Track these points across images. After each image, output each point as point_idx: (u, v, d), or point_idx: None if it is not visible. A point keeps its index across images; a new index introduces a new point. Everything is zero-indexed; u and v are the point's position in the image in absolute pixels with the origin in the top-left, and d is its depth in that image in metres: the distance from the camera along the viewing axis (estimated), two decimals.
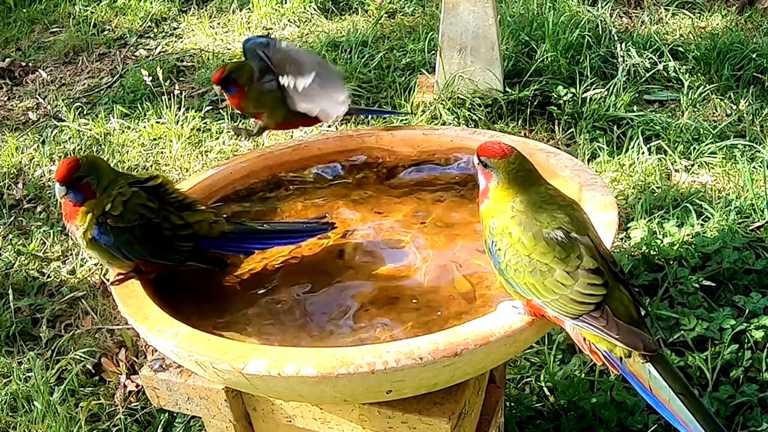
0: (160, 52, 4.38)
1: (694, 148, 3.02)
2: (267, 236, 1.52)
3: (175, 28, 4.69)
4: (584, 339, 1.18)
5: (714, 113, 3.30)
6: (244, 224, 1.54)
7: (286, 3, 4.61)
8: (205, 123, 3.56)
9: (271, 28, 4.48)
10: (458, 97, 3.32)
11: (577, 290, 1.15)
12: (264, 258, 1.55)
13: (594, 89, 3.32)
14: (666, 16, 4.08)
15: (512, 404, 2.01)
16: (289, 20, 4.49)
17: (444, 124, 3.21)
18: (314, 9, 4.52)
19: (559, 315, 1.17)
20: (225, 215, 1.57)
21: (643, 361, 1.14)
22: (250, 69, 1.78)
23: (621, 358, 1.15)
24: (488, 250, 1.23)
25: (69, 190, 1.41)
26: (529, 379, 2.10)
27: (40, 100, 4.07)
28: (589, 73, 3.43)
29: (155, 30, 4.70)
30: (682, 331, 2.12)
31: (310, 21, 4.46)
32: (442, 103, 3.30)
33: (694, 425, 1.13)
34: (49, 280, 2.78)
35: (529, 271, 1.17)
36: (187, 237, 1.46)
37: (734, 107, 3.28)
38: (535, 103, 3.32)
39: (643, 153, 2.99)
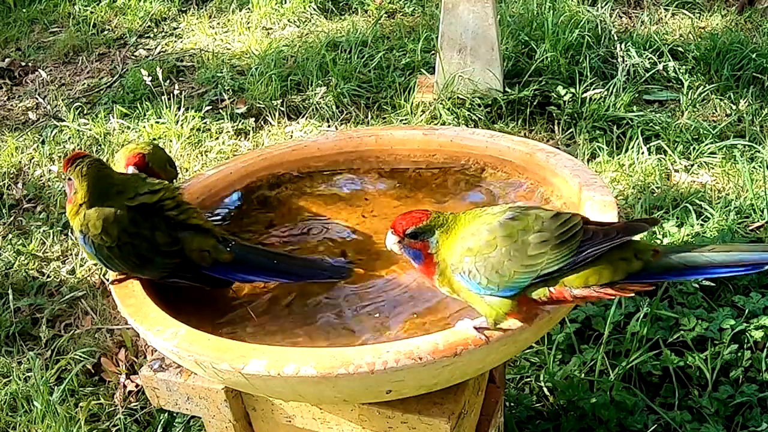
0: (159, 52, 4.38)
1: (694, 148, 3.02)
2: (272, 272, 1.47)
3: (174, 28, 4.69)
4: (595, 287, 1.15)
5: (714, 113, 3.30)
6: (248, 255, 1.48)
7: (286, 3, 4.61)
8: (205, 123, 3.56)
9: (271, 28, 4.48)
10: (458, 97, 3.32)
11: (557, 234, 1.15)
12: None
13: (594, 89, 3.32)
14: (666, 16, 4.09)
15: (512, 404, 2.01)
16: (288, 20, 4.49)
17: (444, 124, 3.20)
18: (314, 9, 4.52)
19: (563, 266, 1.14)
20: (232, 242, 1.48)
21: (659, 256, 1.14)
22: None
23: (641, 269, 1.14)
24: (464, 290, 1.19)
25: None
26: (528, 379, 2.10)
27: (40, 100, 4.07)
28: (588, 73, 3.43)
29: (155, 30, 4.70)
30: (682, 331, 2.12)
31: (310, 21, 4.47)
32: (441, 103, 3.30)
33: (748, 256, 1.13)
34: (48, 280, 2.78)
35: (507, 263, 1.15)
36: (172, 253, 1.43)
37: (734, 107, 3.28)
38: (534, 103, 3.32)
39: (642, 153, 2.99)
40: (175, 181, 1.78)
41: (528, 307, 1.20)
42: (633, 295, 1.17)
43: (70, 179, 1.44)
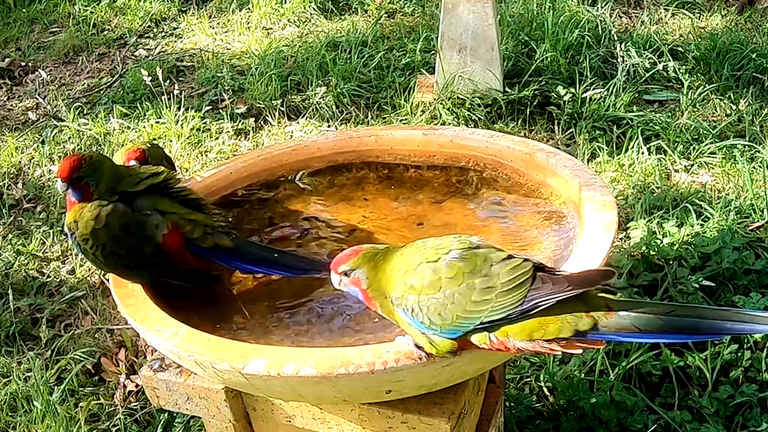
0: (159, 52, 4.38)
1: (694, 148, 3.01)
2: (271, 264, 1.47)
3: (174, 28, 4.69)
4: (540, 341, 1.10)
5: (714, 113, 3.30)
6: (248, 246, 1.49)
7: (285, 3, 4.61)
8: (205, 123, 3.56)
9: (271, 28, 4.48)
10: (458, 97, 3.32)
11: (505, 281, 1.10)
12: None
13: (594, 89, 3.32)
14: (666, 16, 4.09)
15: (512, 404, 2.01)
16: (288, 20, 4.49)
17: (443, 124, 3.20)
18: (314, 9, 4.52)
19: (507, 316, 1.09)
20: (233, 234, 1.50)
21: (611, 316, 1.07)
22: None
23: (592, 327, 1.08)
24: (406, 324, 1.16)
25: (69, 187, 1.41)
26: (528, 379, 2.10)
27: (40, 100, 4.07)
28: (588, 73, 3.43)
29: (155, 30, 4.70)
30: None
31: (310, 21, 4.46)
32: (441, 103, 3.30)
33: (695, 326, 1.07)
34: (48, 280, 2.78)
35: (450, 306, 1.11)
36: (160, 264, 1.43)
37: (734, 107, 3.28)
38: (534, 103, 3.32)
39: (642, 153, 2.99)
40: None
41: (470, 347, 1.15)
42: (581, 352, 1.11)
43: (75, 185, 1.41)
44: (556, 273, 1.13)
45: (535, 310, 1.09)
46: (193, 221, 1.46)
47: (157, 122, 3.57)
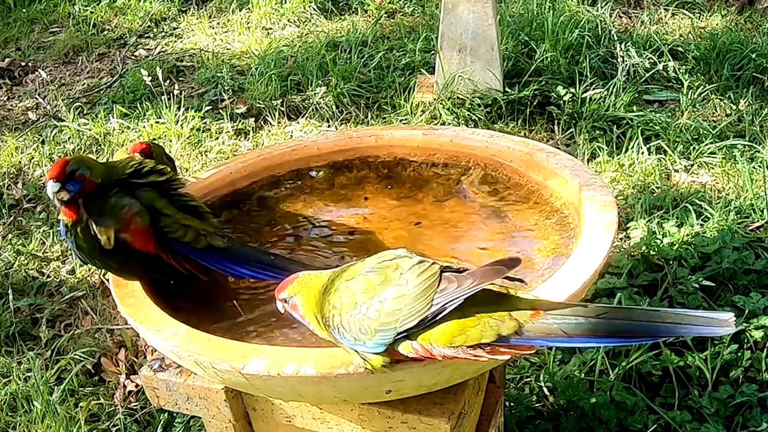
0: (159, 52, 4.38)
1: (694, 148, 3.02)
2: (264, 268, 1.45)
3: (174, 28, 4.69)
4: (463, 348, 1.06)
5: (714, 113, 3.30)
6: (243, 248, 1.49)
7: (285, 3, 4.61)
8: (205, 123, 3.56)
9: (271, 28, 4.48)
10: (458, 97, 3.32)
11: (414, 286, 1.07)
12: None
13: (594, 89, 3.32)
14: (666, 16, 4.09)
15: (512, 404, 2.01)
16: (288, 20, 4.49)
17: (443, 124, 3.20)
18: (314, 9, 4.52)
19: (419, 322, 1.06)
20: (227, 237, 1.49)
21: (536, 319, 1.03)
22: None
23: (516, 331, 1.04)
24: (336, 339, 1.15)
25: (64, 185, 1.38)
26: (528, 379, 2.10)
27: (40, 100, 4.07)
28: (588, 73, 3.43)
29: (155, 30, 4.70)
30: None
31: (310, 21, 4.46)
32: (441, 103, 3.30)
33: (627, 328, 1.01)
34: (48, 280, 2.78)
35: (367, 319, 1.10)
36: (152, 266, 1.43)
37: (734, 107, 3.28)
38: (534, 103, 3.32)
39: (642, 153, 2.99)
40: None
41: (401, 359, 1.14)
42: (508, 358, 1.06)
43: (71, 178, 1.40)
44: (463, 271, 1.09)
45: (443, 313, 1.06)
46: (186, 226, 1.45)
47: (157, 122, 3.57)
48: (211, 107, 3.71)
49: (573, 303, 1.07)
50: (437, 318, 1.07)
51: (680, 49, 3.65)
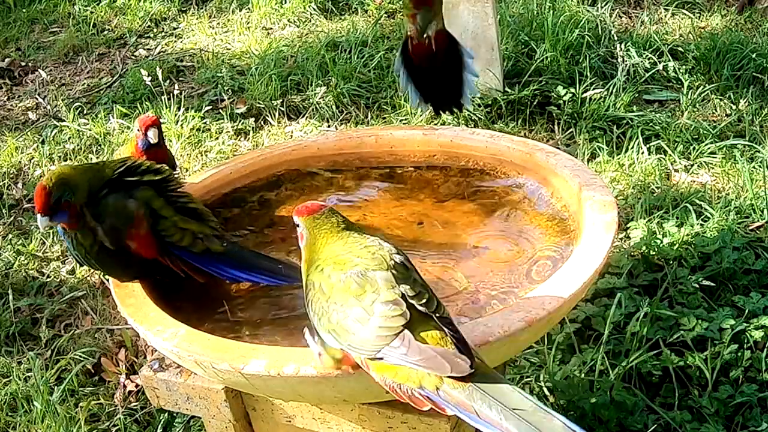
0: (159, 52, 4.38)
1: (694, 148, 3.01)
2: (260, 272, 1.45)
3: (174, 28, 4.69)
4: (393, 383, 1.08)
5: (714, 113, 3.30)
6: (241, 252, 1.47)
7: (285, 3, 4.61)
8: (205, 123, 3.56)
9: (271, 28, 4.48)
10: None
11: (374, 325, 1.08)
12: None
13: (594, 89, 3.32)
14: (666, 16, 4.08)
15: None
16: (288, 20, 4.49)
17: (443, 124, 3.20)
18: (314, 9, 4.52)
19: (361, 355, 1.10)
20: (225, 241, 1.48)
21: (460, 387, 1.03)
22: None
23: (437, 389, 1.04)
24: (308, 311, 1.17)
25: (51, 218, 1.37)
26: (528, 379, 2.10)
27: (40, 100, 4.07)
28: (588, 73, 3.43)
29: (155, 30, 4.69)
30: (682, 331, 2.12)
31: (310, 21, 4.46)
32: None
33: None
34: (48, 280, 2.78)
35: (329, 317, 1.11)
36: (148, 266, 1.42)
37: (734, 107, 3.28)
38: (534, 103, 3.32)
39: (642, 153, 2.99)
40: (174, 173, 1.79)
41: (352, 363, 1.15)
42: (428, 408, 1.06)
43: (57, 209, 1.36)
44: (436, 310, 1.09)
45: (380, 361, 1.08)
46: (183, 229, 1.44)
47: None
48: (211, 107, 3.71)
49: (508, 383, 1.05)
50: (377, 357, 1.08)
51: (680, 49, 3.65)
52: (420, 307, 1.09)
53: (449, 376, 1.03)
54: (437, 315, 1.10)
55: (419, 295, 1.11)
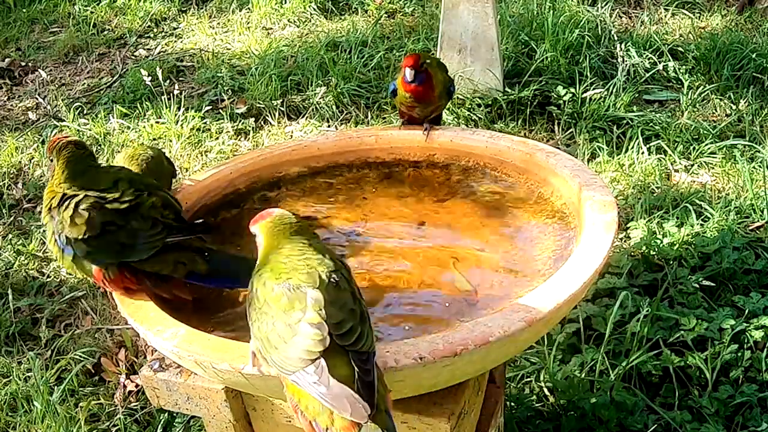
0: (159, 52, 4.38)
1: (694, 148, 3.02)
2: (243, 282, 1.40)
3: (174, 28, 4.69)
4: (298, 406, 1.09)
5: (714, 113, 3.30)
6: (228, 264, 1.46)
7: (286, 3, 4.61)
8: (205, 123, 3.56)
9: (271, 28, 4.48)
10: (458, 97, 3.32)
11: (295, 345, 1.07)
12: None
13: (594, 89, 3.32)
14: (666, 16, 4.08)
15: (512, 404, 2.01)
16: (288, 20, 4.49)
17: (444, 124, 3.20)
18: (314, 9, 4.52)
19: (280, 372, 1.10)
20: (207, 254, 1.45)
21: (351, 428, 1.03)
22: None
23: (326, 428, 1.05)
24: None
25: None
26: (529, 379, 2.10)
27: (40, 100, 4.07)
28: (588, 73, 3.43)
29: (155, 30, 4.70)
30: (682, 331, 2.12)
31: (310, 21, 4.46)
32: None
33: None
34: (48, 280, 2.78)
35: (259, 326, 1.12)
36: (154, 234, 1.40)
37: (734, 107, 3.28)
38: (534, 103, 3.32)
39: (642, 153, 2.99)
40: (174, 179, 1.78)
41: None
42: None
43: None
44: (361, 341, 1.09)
45: (295, 383, 1.08)
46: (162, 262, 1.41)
47: (157, 122, 3.57)
48: (211, 107, 3.71)
49: None
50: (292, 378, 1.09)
51: (680, 49, 3.65)
52: (336, 339, 1.07)
53: (343, 417, 1.03)
54: (355, 348, 1.08)
55: (341, 324, 1.09)
